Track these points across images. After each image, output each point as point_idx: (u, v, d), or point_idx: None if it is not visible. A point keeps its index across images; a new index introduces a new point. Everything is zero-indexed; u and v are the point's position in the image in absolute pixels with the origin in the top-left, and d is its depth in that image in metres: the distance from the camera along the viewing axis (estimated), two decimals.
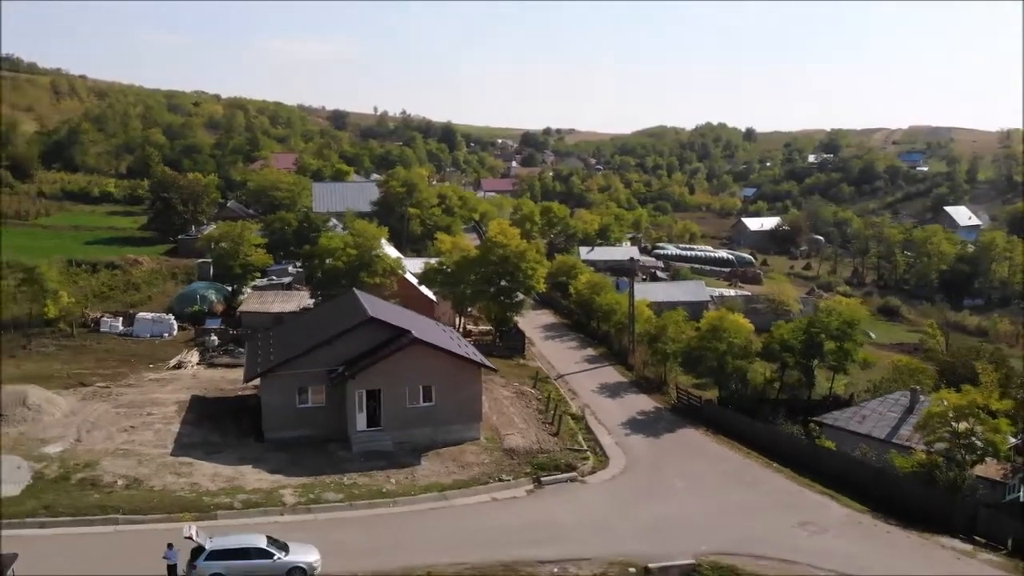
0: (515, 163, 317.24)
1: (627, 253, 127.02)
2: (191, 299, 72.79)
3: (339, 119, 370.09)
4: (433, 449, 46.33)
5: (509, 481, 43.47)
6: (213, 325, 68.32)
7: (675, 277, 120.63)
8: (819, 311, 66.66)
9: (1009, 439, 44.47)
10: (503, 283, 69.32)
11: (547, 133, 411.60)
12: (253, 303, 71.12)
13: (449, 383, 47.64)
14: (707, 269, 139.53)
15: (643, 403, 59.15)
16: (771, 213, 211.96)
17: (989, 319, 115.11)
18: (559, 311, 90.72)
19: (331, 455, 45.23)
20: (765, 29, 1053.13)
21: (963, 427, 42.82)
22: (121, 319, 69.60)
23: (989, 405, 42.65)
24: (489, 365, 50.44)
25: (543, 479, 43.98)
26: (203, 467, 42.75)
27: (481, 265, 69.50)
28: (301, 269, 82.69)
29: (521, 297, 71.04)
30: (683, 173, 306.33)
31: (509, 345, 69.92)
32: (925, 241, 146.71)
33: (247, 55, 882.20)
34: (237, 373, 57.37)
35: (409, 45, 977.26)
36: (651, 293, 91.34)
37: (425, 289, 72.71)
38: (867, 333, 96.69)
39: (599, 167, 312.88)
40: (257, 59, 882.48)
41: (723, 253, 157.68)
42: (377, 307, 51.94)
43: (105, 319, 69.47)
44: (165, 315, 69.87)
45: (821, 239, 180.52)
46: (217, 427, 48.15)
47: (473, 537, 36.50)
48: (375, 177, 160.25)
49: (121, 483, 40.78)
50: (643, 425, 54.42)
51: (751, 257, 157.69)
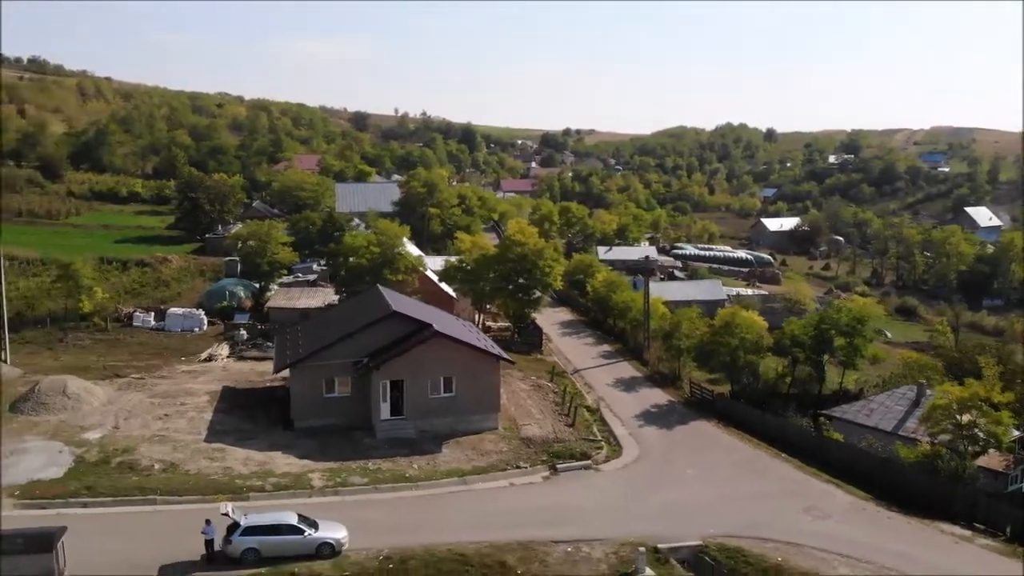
0: (534, 164, 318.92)
1: (645, 253, 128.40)
2: (220, 295, 75.41)
3: (360, 120, 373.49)
4: (453, 437, 48.32)
5: (526, 468, 45.38)
6: (242, 320, 70.97)
7: (693, 277, 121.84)
8: (829, 307, 67.98)
9: (1013, 432, 45.84)
10: (521, 280, 71.14)
11: (567, 134, 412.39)
12: (280, 299, 73.60)
13: (469, 375, 49.59)
14: (725, 269, 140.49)
15: (657, 397, 60.80)
16: (791, 214, 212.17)
17: (1007, 319, 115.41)
18: (576, 309, 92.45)
19: (356, 442, 47.38)
20: (787, 29, 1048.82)
21: (966, 419, 44.22)
22: (153, 314, 72.26)
23: (991, 398, 44.05)
24: (507, 358, 52.43)
25: (559, 466, 45.84)
26: (235, 452, 45.00)
27: (500, 263, 71.38)
28: (325, 267, 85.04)
29: (538, 294, 72.85)
30: (703, 173, 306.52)
31: (527, 341, 71.72)
32: (944, 242, 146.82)
33: (268, 57, 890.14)
34: (265, 366, 59.79)
35: (429, 46, 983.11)
36: (668, 292, 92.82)
37: (445, 286, 74.76)
38: (883, 332, 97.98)
39: (618, 168, 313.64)
40: (278, 61, 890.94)
41: (742, 253, 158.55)
42: (400, 302, 54.10)
43: (138, 314, 72.15)
44: (195, 310, 72.49)
45: (841, 240, 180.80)
46: (248, 416, 50.46)
47: (491, 519, 38.42)
48: (396, 178, 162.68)
49: (158, 467, 43.05)
50: (656, 417, 56.11)
51: (770, 257, 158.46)
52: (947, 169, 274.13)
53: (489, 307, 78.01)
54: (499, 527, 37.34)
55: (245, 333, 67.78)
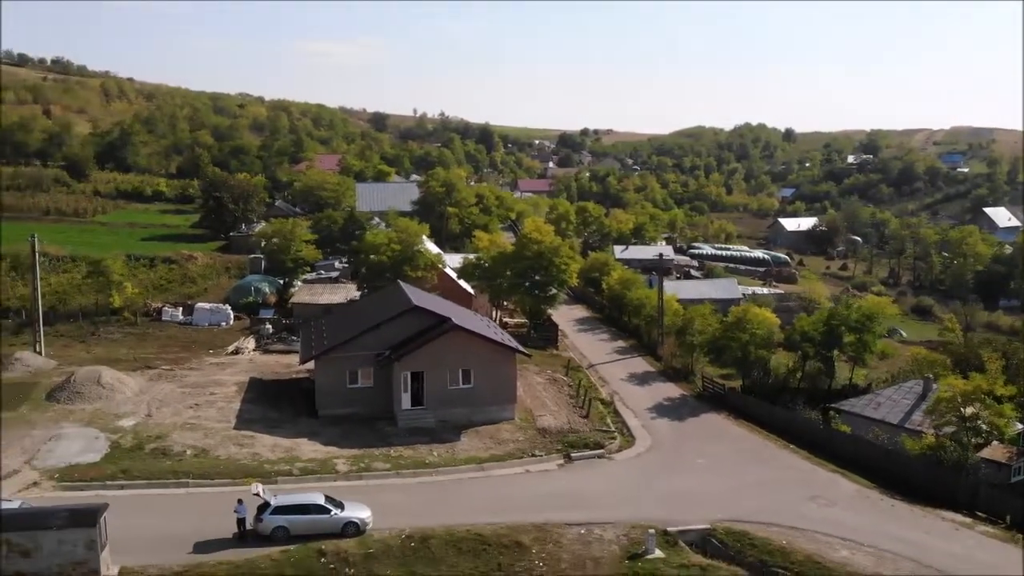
0: (552, 164, 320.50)
1: (661, 252, 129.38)
2: (246, 291, 77.74)
3: (379, 121, 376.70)
4: (471, 427, 50.15)
5: (541, 456, 47.13)
6: (267, 315, 73.28)
7: (709, 276, 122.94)
8: (839, 304, 69.15)
9: (1016, 425, 47.02)
10: (537, 277, 72.79)
11: (584, 134, 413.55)
12: (304, 295, 75.80)
13: (486, 367, 51.40)
14: (742, 269, 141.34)
15: (670, 391, 62.28)
16: (809, 214, 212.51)
17: (1023, 319, 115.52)
18: (592, 306, 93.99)
19: (379, 431, 49.37)
20: (808, 29, 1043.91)
21: (970, 411, 45.47)
22: (181, 309, 74.64)
23: (994, 391, 45.29)
24: (523, 351, 54.24)
25: (573, 455, 47.55)
26: (263, 439, 47.06)
27: (517, 260, 73.07)
28: (347, 264, 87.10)
29: (554, 291, 74.45)
30: (721, 173, 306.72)
31: (543, 336, 73.34)
32: (961, 242, 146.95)
33: (288, 58, 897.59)
34: (290, 358, 61.99)
35: (448, 47, 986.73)
36: (683, 290, 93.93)
37: (464, 283, 76.57)
38: (898, 331, 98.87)
39: (636, 168, 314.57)
40: (297, 62, 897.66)
41: (759, 253, 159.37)
42: (420, 297, 56.07)
43: (166, 309, 74.56)
44: (222, 305, 74.82)
45: (858, 240, 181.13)
46: (274, 405, 52.59)
47: (508, 502, 40.18)
48: (415, 178, 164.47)
49: (190, 452, 45.15)
50: (668, 410, 57.62)
51: (787, 257, 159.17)
52: (966, 169, 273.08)
53: (506, 304, 79.70)
54: (515, 510, 39.07)
55: (270, 327, 70.07)
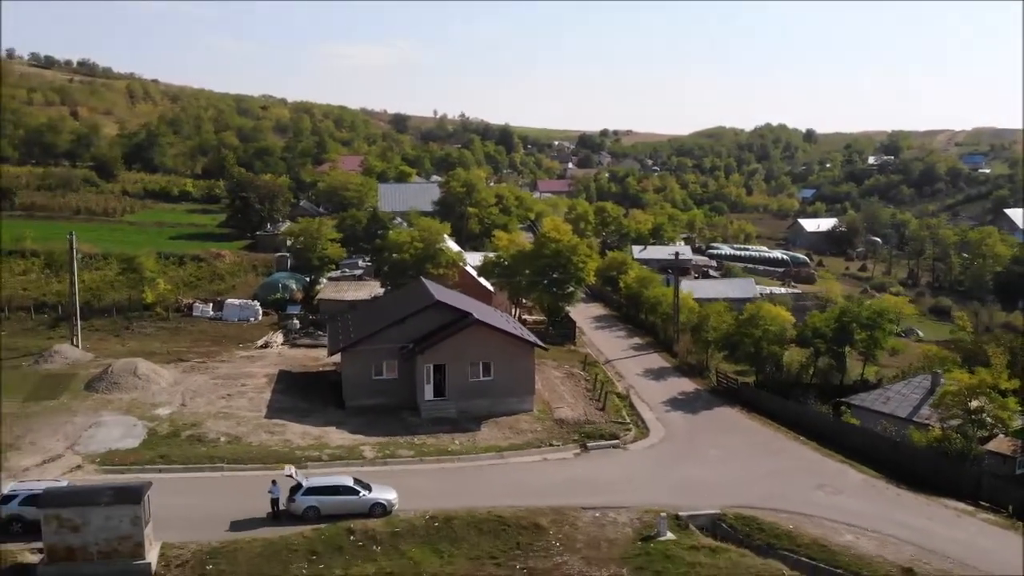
0: (571, 164, 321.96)
1: (677, 251, 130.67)
2: (274, 288, 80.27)
3: (400, 122, 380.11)
4: (491, 418, 52.12)
5: (559, 445, 49.01)
6: (294, 311, 75.79)
7: (727, 276, 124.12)
8: (851, 301, 70.45)
9: (1020, 418, 48.24)
10: (555, 275, 74.59)
11: (604, 135, 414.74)
12: (329, 291, 78.13)
13: (506, 360, 53.36)
14: (761, 269, 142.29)
15: (684, 385, 63.90)
16: (829, 215, 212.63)
17: None
18: (609, 304, 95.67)
19: (403, 420, 51.55)
20: (829, 30, 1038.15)
21: (975, 405, 46.83)
22: (211, 304, 77.19)
23: (999, 385, 46.64)
24: (541, 344, 56.21)
25: (589, 445, 49.38)
26: (293, 427, 49.33)
27: (535, 259, 74.94)
28: (370, 262, 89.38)
29: (572, 288, 76.18)
30: (741, 174, 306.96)
31: (560, 332, 75.08)
32: (980, 243, 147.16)
33: (308, 60, 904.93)
34: (317, 352, 64.37)
35: (468, 49, 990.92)
36: (701, 289, 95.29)
37: (484, 280, 78.52)
38: (915, 331, 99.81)
39: (655, 168, 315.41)
40: (318, 64, 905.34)
41: (777, 253, 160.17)
42: (442, 293, 58.11)
43: (197, 304, 77.14)
44: (251, 302, 77.33)
45: (878, 240, 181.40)
46: (303, 396, 54.91)
47: (526, 487, 42.10)
48: (435, 178, 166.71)
49: (223, 439, 47.44)
50: (683, 403, 59.27)
51: (806, 258, 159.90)
52: (988, 170, 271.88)
53: (525, 301, 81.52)
54: (533, 495, 40.98)
55: (298, 323, 72.53)
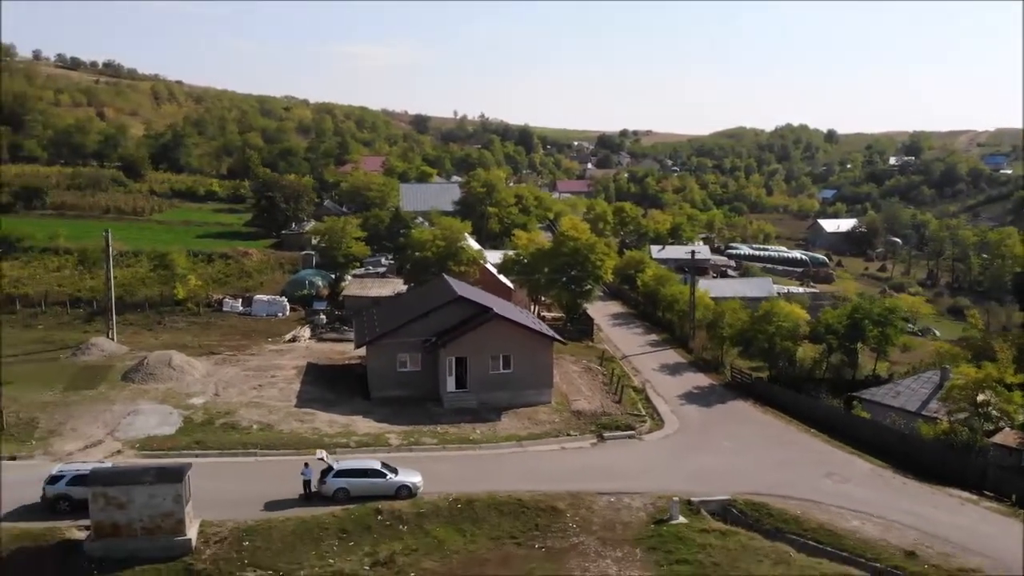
0: (590, 165, 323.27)
1: (697, 252, 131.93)
2: (301, 284, 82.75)
3: (420, 123, 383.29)
4: (511, 409, 54.10)
5: (576, 435, 50.94)
6: (320, 307, 78.25)
7: (745, 275, 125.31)
8: (863, 299, 71.76)
9: None
10: (573, 273, 76.38)
11: (623, 135, 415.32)
12: (354, 288, 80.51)
13: (525, 353, 55.30)
14: (780, 269, 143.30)
15: (699, 380, 65.53)
16: (850, 215, 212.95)
17: None
18: (627, 302, 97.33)
19: (426, 410, 53.68)
20: (851, 30, 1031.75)
21: (981, 398, 48.20)
22: (240, 300, 79.69)
23: (1004, 379, 47.99)
24: (559, 338, 58.08)
25: (605, 435, 51.22)
26: (322, 416, 51.56)
27: (554, 256, 76.78)
28: (393, 260, 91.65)
29: (589, 286, 77.97)
30: (761, 174, 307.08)
31: (578, 329, 76.82)
32: (1000, 243, 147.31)
33: (328, 61, 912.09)
34: (343, 346, 66.63)
35: (487, 49, 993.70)
36: (718, 288, 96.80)
37: (503, 278, 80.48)
38: (932, 330, 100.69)
39: (675, 168, 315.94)
40: (338, 64, 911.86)
41: (797, 254, 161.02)
42: (464, 289, 60.19)
43: (227, 300, 79.68)
44: (279, 298, 79.78)
45: (898, 241, 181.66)
46: (331, 387, 57.15)
47: (545, 474, 44.00)
48: (455, 179, 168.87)
49: (256, 427, 49.71)
50: (697, 397, 60.94)
51: (825, 258, 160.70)
52: (1010, 171, 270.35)
53: (543, 298, 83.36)
54: (551, 480, 42.87)
55: (324, 318, 74.95)
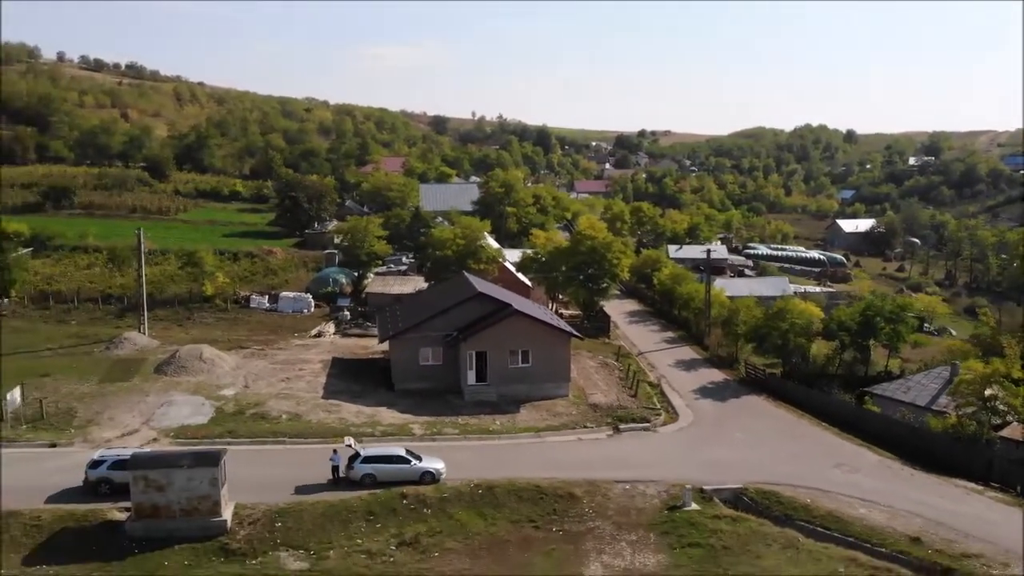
0: (608, 165, 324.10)
1: (713, 251, 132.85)
2: (325, 282, 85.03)
3: (439, 124, 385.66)
4: (529, 402, 55.86)
5: (592, 427, 52.64)
6: (344, 303, 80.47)
7: (762, 275, 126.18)
8: (875, 297, 72.88)
9: None
10: (590, 271, 77.97)
11: (642, 135, 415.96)
12: (377, 285, 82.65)
13: (543, 348, 57.04)
14: (797, 269, 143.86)
15: (714, 375, 66.96)
16: (869, 215, 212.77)
17: None
18: (643, 300, 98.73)
19: (448, 402, 55.63)
20: (871, 30, 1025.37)
21: (988, 393, 49.40)
22: (267, 297, 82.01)
23: (1011, 374, 49.17)
24: (576, 334, 59.86)
25: (621, 427, 52.85)
26: (348, 407, 53.58)
27: (571, 255, 78.34)
28: (414, 259, 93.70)
29: (606, 284, 79.51)
30: (780, 175, 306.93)
31: (595, 326, 78.39)
32: (1018, 244, 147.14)
33: (347, 62, 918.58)
34: (367, 341, 68.70)
35: (505, 50, 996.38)
36: (734, 287, 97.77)
37: (522, 276, 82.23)
38: (948, 330, 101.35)
39: (693, 169, 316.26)
40: (357, 65, 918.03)
41: (814, 253, 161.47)
42: (484, 285, 62.10)
43: (254, 297, 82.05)
44: (304, 294, 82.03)
45: (917, 241, 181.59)
46: (356, 380, 59.21)
47: (562, 463, 45.68)
48: (474, 179, 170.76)
49: (285, 417, 51.80)
50: (712, 392, 62.39)
51: (842, 258, 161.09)
52: None
53: (561, 296, 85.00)
54: (568, 469, 44.56)
55: (348, 314, 77.14)
